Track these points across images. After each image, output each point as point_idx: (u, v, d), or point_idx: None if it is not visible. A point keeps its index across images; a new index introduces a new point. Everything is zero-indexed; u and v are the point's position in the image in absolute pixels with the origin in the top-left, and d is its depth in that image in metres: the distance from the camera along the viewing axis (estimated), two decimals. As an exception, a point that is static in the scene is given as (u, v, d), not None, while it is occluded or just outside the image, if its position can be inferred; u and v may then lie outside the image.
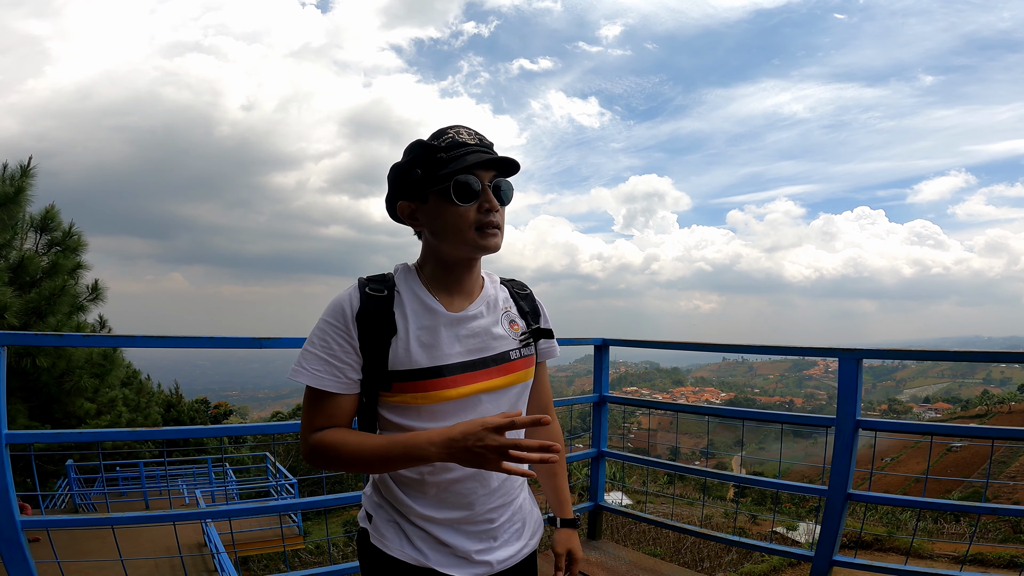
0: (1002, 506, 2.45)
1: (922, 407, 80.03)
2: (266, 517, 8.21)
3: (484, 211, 1.11)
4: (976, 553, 5.63)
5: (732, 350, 3.10)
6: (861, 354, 2.46)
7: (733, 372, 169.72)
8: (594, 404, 3.58)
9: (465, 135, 1.13)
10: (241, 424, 9.78)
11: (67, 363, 8.62)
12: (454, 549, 1.16)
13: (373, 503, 1.23)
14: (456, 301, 1.19)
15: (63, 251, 8.89)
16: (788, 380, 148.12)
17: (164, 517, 2.02)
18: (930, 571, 2.53)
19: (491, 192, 1.12)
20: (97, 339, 2.31)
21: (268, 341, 2.06)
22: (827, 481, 2.64)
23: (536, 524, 1.33)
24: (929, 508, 2.51)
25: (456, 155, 1.10)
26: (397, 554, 1.16)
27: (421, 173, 1.12)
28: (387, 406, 1.15)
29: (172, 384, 19.88)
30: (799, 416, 3.15)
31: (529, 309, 1.31)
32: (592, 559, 3.36)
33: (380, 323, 1.12)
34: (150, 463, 11.50)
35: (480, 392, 1.15)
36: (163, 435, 2.07)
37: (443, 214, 1.11)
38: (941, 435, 2.42)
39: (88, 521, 1.97)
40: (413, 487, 1.16)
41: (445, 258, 1.17)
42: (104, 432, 1.95)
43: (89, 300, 9.23)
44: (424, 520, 1.16)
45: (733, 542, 3.22)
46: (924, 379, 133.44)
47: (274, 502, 2.55)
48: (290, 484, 10.38)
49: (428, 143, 1.13)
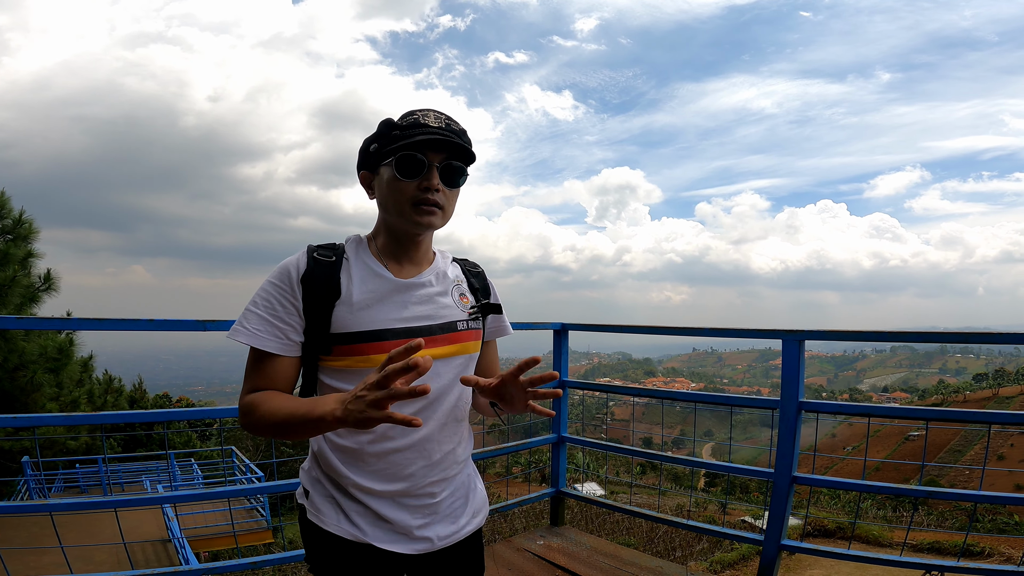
0: (939, 489, 2.54)
1: (881, 396, 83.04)
2: (234, 511, 8.08)
3: (421, 188, 1.13)
4: (933, 541, 5.86)
5: (687, 333, 3.16)
6: (803, 335, 2.52)
7: (703, 363, 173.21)
8: (554, 388, 3.62)
9: (432, 118, 1.15)
10: (186, 409, 9.56)
11: (19, 357, 8.30)
12: (394, 524, 1.16)
13: (311, 478, 1.22)
14: (405, 269, 1.21)
15: (13, 240, 8.54)
16: (755, 370, 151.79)
17: (105, 503, 1.95)
18: (872, 555, 2.59)
19: (436, 172, 1.14)
20: (34, 321, 2.22)
21: (212, 324, 2.01)
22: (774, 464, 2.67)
23: (480, 503, 1.33)
24: (868, 491, 2.61)
25: (410, 133, 1.13)
26: (334, 529, 1.15)
27: (377, 147, 1.16)
28: (327, 371, 1.16)
29: (135, 379, 19.31)
30: (747, 399, 3.23)
31: (480, 287, 1.33)
32: (553, 545, 3.40)
33: (325, 286, 1.13)
34: (111, 459, 11.18)
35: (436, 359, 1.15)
36: (101, 420, 2.01)
37: (388, 187, 1.15)
38: (877, 416, 2.51)
39: (24, 507, 1.90)
40: (352, 456, 1.16)
41: (392, 229, 1.20)
42: (41, 417, 1.89)
43: (42, 290, 8.90)
44: (363, 492, 1.15)
45: (688, 527, 3.29)
46: (883, 369, 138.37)
47: (225, 488, 2.44)
48: (257, 476, 10.22)
49: (390, 120, 1.17)
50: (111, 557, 5.56)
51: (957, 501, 9.25)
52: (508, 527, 6.66)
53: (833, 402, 2.76)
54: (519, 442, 3.50)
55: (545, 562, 3.16)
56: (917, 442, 37.09)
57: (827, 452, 25.61)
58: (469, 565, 1.30)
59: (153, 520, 7.64)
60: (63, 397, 9.35)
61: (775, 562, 2.68)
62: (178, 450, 12.54)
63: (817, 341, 2.50)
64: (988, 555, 5.64)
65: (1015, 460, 31.34)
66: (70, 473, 10.87)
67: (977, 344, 2.49)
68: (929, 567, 2.47)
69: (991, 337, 2.38)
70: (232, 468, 12.36)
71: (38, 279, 8.93)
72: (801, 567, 5.41)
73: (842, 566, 4.96)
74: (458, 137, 1.16)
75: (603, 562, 3.15)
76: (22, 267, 8.38)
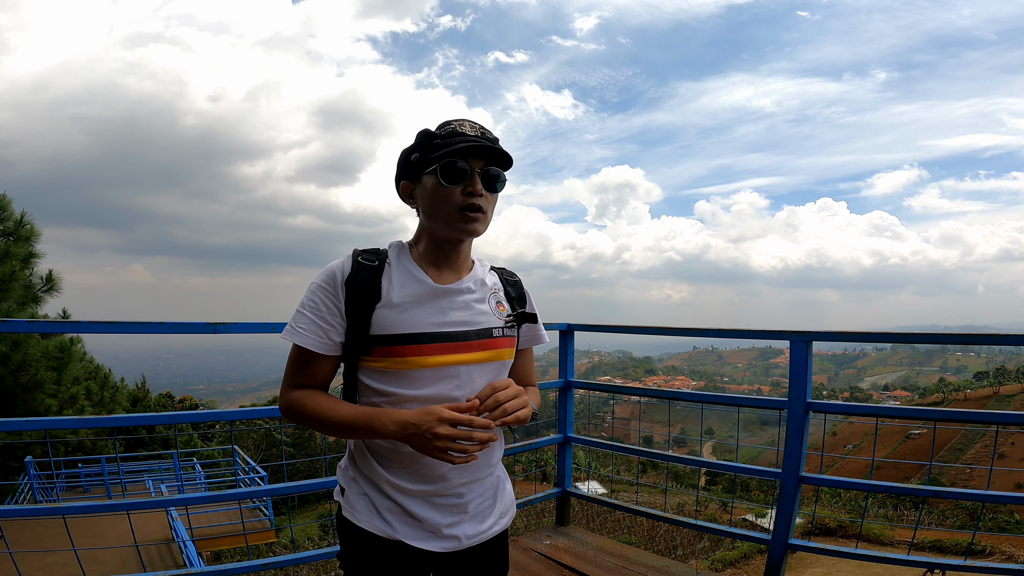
0: (948, 489, 2.54)
1: (882, 395, 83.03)
2: (236, 511, 8.09)
3: (468, 194, 1.18)
4: (935, 539, 5.86)
5: (692, 333, 3.17)
6: (810, 336, 2.52)
7: (703, 361, 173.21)
8: (560, 389, 3.62)
9: (467, 127, 1.21)
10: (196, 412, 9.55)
11: (23, 356, 8.31)
12: (424, 523, 1.21)
13: (347, 476, 1.28)
14: (444, 275, 1.26)
15: (15, 240, 8.54)
16: (756, 368, 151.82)
17: (117, 506, 1.97)
18: (879, 554, 2.60)
19: (479, 177, 1.19)
20: (43, 324, 2.23)
21: (223, 326, 2.02)
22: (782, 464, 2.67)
23: (508, 504, 1.36)
24: (875, 491, 2.60)
25: (451, 142, 1.18)
26: (367, 526, 1.21)
27: (419, 156, 1.22)
28: (367, 371, 1.21)
29: (138, 379, 19.29)
30: (754, 399, 3.23)
31: (516, 295, 1.38)
32: (560, 544, 3.41)
33: (367, 289, 1.18)
34: (112, 459, 11.18)
35: (459, 364, 1.20)
36: (113, 423, 2.01)
37: (432, 194, 1.20)
38: (884, 417, 2.51)
39: (37, 511, 1.91)
40: (388, 457, 1.22)
41: (435, 236, 1.24)
42: (52, 420, 1.89)
43: (44, 291, 8.89)
44: (397, 491, 1.21)
45: (693, 526, 3.29)
46: (884, 367, 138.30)
47: (235, 490, 2.47)
48: (260, 476, 10.22)
49: (429, 130, 1.22)
50: (116, 557, 5.57)
51: (960, 500, 9.25)
52: (512, 526, 6.69)
53: (840, 403, 2.76)
54: (526, 442, 3.51)
55: (552, 562, 3.17)
56: (918, 440, 37.10)
57: (829, 450, 25.64)
58: (494, 564, 1.34)
59: (156, 520, 7.65)
60: (61, 394, 9.37)
61: (782, 561, 2.69)
62: (181, 450, 12.53)
63: (835, 348, 2.50)
64: (990, 554, 5.66)
65: (1016, 458, 31.36)
66: (72, 472, 10.87)
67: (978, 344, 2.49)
68: (932, 566, 2.47)
69: (994, 338, 2.38)
70: (235, 468, 12.37)
71: (40, 280, 8.93)
72: (803, 565, 5.43)
73: (843, 564, 4.97)
74: (495, 143, 1.21)
75: (610, 562, 3.16)
76: (24, 266, 8.38)
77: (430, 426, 1.07)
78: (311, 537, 12.38)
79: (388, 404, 1.18)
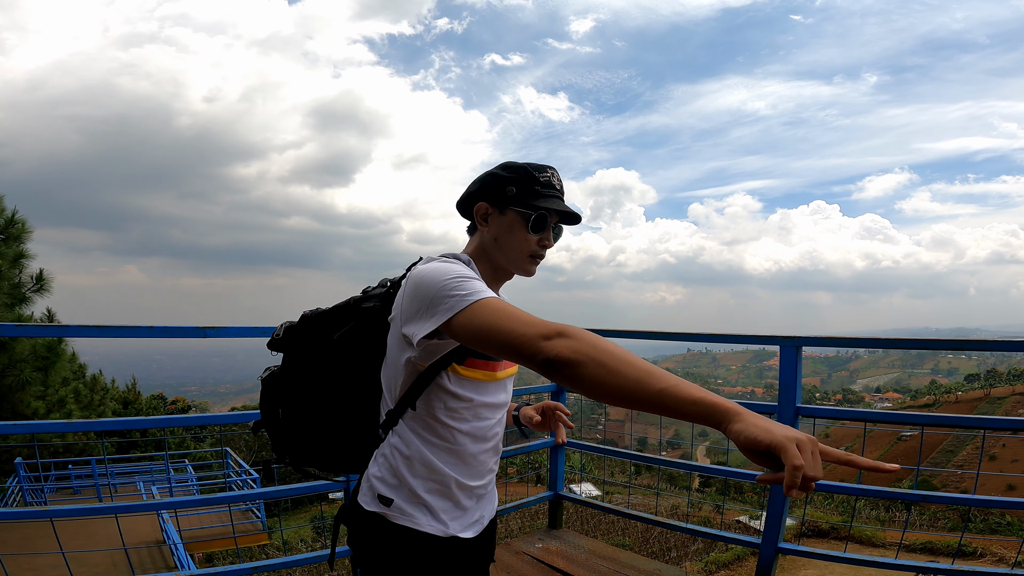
0: (936, 493, 2.57)
1: (874, 397, 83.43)
2: (227, 514, 8.05)
3: (541, 245, 1.30)
4: (926, 542, 5.90)
5: (684, 338, 3.18)
6: (800, 341, 2.54)
7: (697, 363, 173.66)
8: (553, 392, 3.63)
9: (556, 180, 1.32)
10: (188, 416, 9.51)
11: (9, 357, 8.23)
12: (468, 512, 1.30)
13: (389, 486, 1.28)
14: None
15: (5, 239, 8.46)
16: (749, 371, 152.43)
17: (105, 509, 1.95)
18: (869, 558, 2.62)
19: (552, 232, 1.31)
20: (31, 329, 2.21)
21: (213, 330, 2.01)
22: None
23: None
24: (864, 495, 2.62)
25: (548, 194, 1.28)
26: (428, 528, 1.24)
27: (515, 192, 1.27)
28: (453, 378, 1.23)
29: (128, 380, 19.14)
30: (743, 403, 3.25)
31: None
32: (552, 548, 3.41)
33: None
34: (102, 460, 11.09)
35: (509, 377, 1.36)
36: (103, 427, 2.00)
37: (512, 232, 1.28)
38: (874, 421, 2.53)
39: (25, 514, 1.90)
40: (456, 457, 1.27)
41: (495, 263, 1.33)
42: (38, 424, 1.87)
43: (33, 291, 8.81)
44: (460, 488, 1.28)
45: (684, 529, 3.30)
46: (876, 369, 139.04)
47: (225, 494, 2.47)
48: (252, 479, 10.17)
49: (533, 172, 1.29)
50: (106, 559, 5.52)
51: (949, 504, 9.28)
52: (505, 529, 6.67)
53: (830, 407, 2.78)
54: (519, 445, 3.52)
55: (544, 565, 3.18)
56: (909, 442, 37.32)
57: (820, 452, 25.43)
58: (492, 543, 1.45)
59: (147, 522, 7.59)
60: (49, 396, 9.27)
61: (772, 565, 2.70)
62: (172, 451, 12.43)
63: (827, 350, 2.52)
64: (980, 556, 5.69)
65: (1007, 460, 31.63)
66: (62, 474, 10.78)
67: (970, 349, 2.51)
68: (923, 569, 2.49)
69: (986, 345, 2.40)
70: (227, 470, 12.29)
71: (30, 279, 8.84)
72: (795, 567, 5.44)
73: (836, 566, 5.00)
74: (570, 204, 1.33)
75: (601, 565, 3.16)
76: (13, 266, 8.29)
77: (815, 442, 0.81)
78: (304, 539, 12.31)
79: (466, 409, 1.25)
